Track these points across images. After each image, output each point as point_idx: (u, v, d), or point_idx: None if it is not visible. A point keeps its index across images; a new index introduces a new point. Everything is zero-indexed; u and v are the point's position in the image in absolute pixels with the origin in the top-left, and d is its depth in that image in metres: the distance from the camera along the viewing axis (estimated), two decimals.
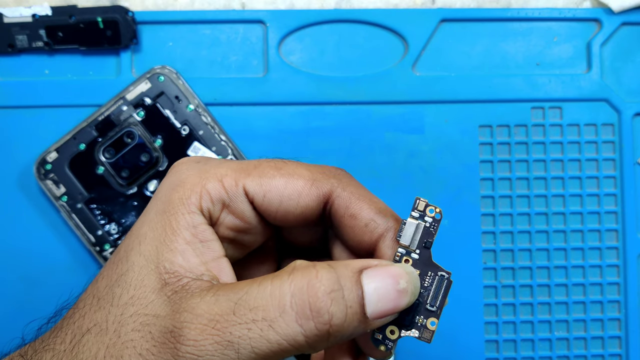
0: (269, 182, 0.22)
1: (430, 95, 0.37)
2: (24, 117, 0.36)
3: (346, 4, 0.37)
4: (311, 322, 0.18)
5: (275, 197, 0.22)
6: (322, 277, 0.19)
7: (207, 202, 0.21)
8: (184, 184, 0.21)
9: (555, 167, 0.38)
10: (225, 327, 0.18)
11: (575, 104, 0.38)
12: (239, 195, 0.22)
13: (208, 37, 0.37)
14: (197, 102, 0.36)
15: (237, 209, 0.22)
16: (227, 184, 0.22)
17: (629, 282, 0.37)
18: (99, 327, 0.20)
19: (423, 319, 0.21)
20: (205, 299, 0.19)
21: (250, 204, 0.22)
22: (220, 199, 0.22)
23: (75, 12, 0.35)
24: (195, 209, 0.21)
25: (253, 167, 0.22)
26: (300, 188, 0.22)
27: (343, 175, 0.23)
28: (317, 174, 0.22)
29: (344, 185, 0.22)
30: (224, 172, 0.22)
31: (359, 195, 0.22)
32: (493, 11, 0.38)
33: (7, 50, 0.36)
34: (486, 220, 0.37)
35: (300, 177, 0.22)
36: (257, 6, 0.37)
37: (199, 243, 0.21)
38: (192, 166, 0.22)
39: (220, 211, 0.22)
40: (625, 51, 0.38)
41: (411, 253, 0.22)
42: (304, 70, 0.37)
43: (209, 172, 0.22)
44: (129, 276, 0.20)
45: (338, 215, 0.22)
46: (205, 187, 0.21)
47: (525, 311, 0.37)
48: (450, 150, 0.37)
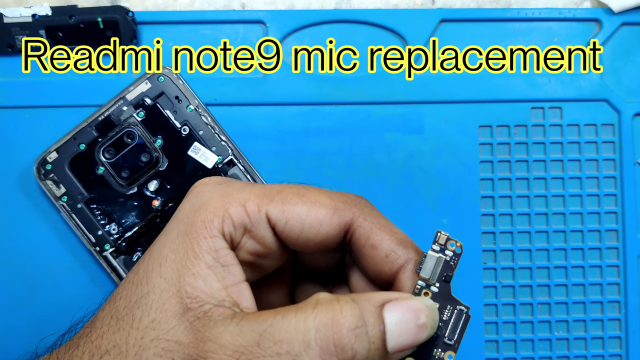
0: (291, 209, 0.22)
1: (430, 95, 0.37)
2: (23, 118, 0.36)
3: (346, 4, 0.37)
4: (335, 359, 0.19)
5: (297, 224, 0.22)
6: (347, 313, 0.19)
7: (229, 227, 0.22)
8: (206, 206, 0.22)
9: (555, 167, 0.38)
10: (250, 358, 0.19)
11: (575, 104, 0.38)
12: (262, 221, 0.22)
13: (208, 37, 0.37)
14: (197, 103, 0.36)
15: (259, 234, 0.22)
16: (250, 209, 0.22)
17: (629, 282, 0.37)
18: (118, 349, 0.20)
19: (441, 352, 0.22)
20: (229, 328, 0.19)
21: (272, 229, 0.22)
22: (243, 223, 0.22)
23: (75, 12, 0.35)
24: (218, 232, 0.21)
25: (276, 192, 0.22)
26: (322, 216, 0.22)
27: (364, 204, 0.23)
28: (339, 202, 0.23)
29: (365, 215, 0.23)
30: (247, 196, 0.22)
31: (380, 226, 0.23)
32: (493, 11, 0.38)
33: (7, 50, 0.36)
34: (486, 221, 0.37)
35: (322, 206, 0.22)
36: (257, 6, 0.37)
37: (220, 267, 0.21)
38: (214, 188, 0.23)
39: (241, 236, 0.22)
40: (625, 51, 0.38)
41: (431, 286, 0.22)
42: (303, 70, 0.37)
43: (231, 195, 0.22)
44: (149, 298, 0.20)
45: (359, 245, 0.23)
46: (228, 211, 0.22)
47: (525, 311, 0.37)
48: (450, 151, 0.37)
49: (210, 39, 0.37)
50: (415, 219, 0.37)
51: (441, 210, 0.37)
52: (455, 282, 0.37)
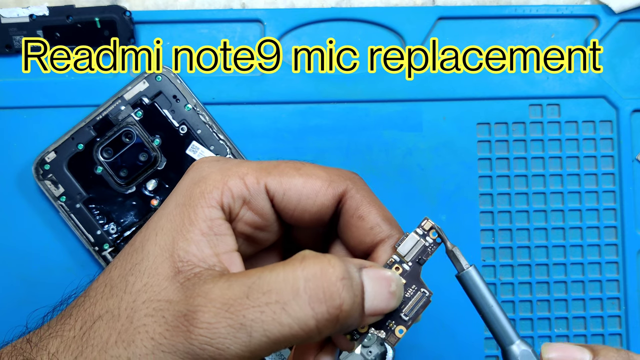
0: (289, 180, 0.23)
1: (428, 93, 0.37)
2: (22, 118, 0.36)
3: (346, 3, 0.37)
4: (323, 306, 0.19)
5: (295, 195, 0.23)
6: (335, 265, 0.20)
7: (228, 198, 0.22)
8: (206, 179, 0.22)
9: (554, 164, 0.38)
10: (239, 310, 0.19)
11: (573, 100, 0.38)
12: (260, 193, 0.23)
13: (206, 36, 0.37)
14: (195, 102, 0.36)
15: (258, 205, 0.23)
16: (249, 181, 0.23)
17: (628, 278, 0.37)
18: (110, 313, 0.20)
19: (394, 324, 0.23)
20: (219, 284, 0.20)
21: (270, 201, 0.23)
22: (242, 195, 0.22)
23: (72, 12, 0.35)
24: (216, 203, 0.22)
25: (273, 166, 0.23)
26: (318, 188, 0.23)
27: (357, 179, 0.24)
28: (333, 175, 0.24)
29: (357, 188, 0.24)
30: (246, 170, 0.23)
31: (370, 200, 0.24)
32: (490, 9, 0.37)
33: (5, 50, 0.36)
34: (485, 218, 0.37)
35: (318, 178, 0.23)
36: (258, 5, 0.37)
37: (213, 235, 0.22)
38: (213, 164, 0.23)
39: (240, 207, 0.23)
40: (623, 48, 0.38)
41: (404, 263, 0.23)
42: (301, 69, 0.37)
43: (231, 169, 0.23)
44: (143, 265, 0.21)
45: (347, 215, 0.24)
46: (228, 183, 0.22)
47: (524, 308, 0.37)
48: (449, 148, 0.37)
49: (209, 38, 0.37)
50: (414, 216, 0.37)
51: (440, 207, 0.37)
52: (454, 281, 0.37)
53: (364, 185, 0.24)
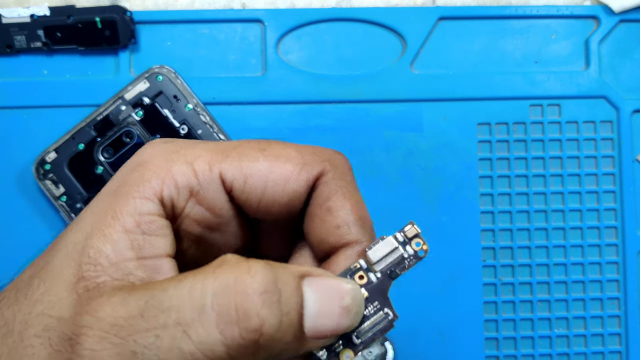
0: (251, 165, 0.18)
1: (429, 93, 0.37)
2: (22, 118, 0.36)
3: (346, 3, 0.37)
4: (235, 328, 0.15)
5: (259, 182, 0.18)
6: (256, 274, 0.15)
7: (171, 189, 0.18)
8: (146, 164, 0.18)
9: (554, 164, 0.38)
10: (130, 334, 0.15)
11: (574, 101, 0.38)
12: (213, 182, 0.18)
13: (206, 36, 0.37)
14: (195, 102, 0.36)
15: (208, 198, 0.18)
16: (199, 167, 0.18)
17: (629, 279, 0.37)
18: (7, 327, 0.17)
19: (341, 346, 0.18)
20: (113, 299, 0.16)
21: (227, 193, 0.19)
22: (188, 185, 0.18)
23: (73, 12, 0.35)
24: (152, 194, 0.18)
25: (232, 148, 0.19)
26: (288, 172, 0.19)
27: (339, 161, 0.20)
28: (307, 155, 0.19)
29: (335, 173, 0.19)
30: (197, 153, 0.18)
31: (346, 192, 0.19)
32: (491, 9, 0.38)
33: (6, 50, 0.36)
34: (485, 218, 0.37)
35: (288, 160, 0.19)
36: (258, 6, 0.37)
37: (140, 235, 0.17)
38: (158, 146, 0.19)
39: (186, 200, 0.18)
40: (623, 48, 0.38)
41: (371, 273, 0.19)
42: (302, 69, 0.37)
43: (178, 152, 0.18)
44: (51, 264, 0.17)
45: (314, 204, 0.19)
46: (171, 170, 0.18)
47: (525, 309, 0.37)
48: (449, 148, 0.37)
49: (209, 38, 0.37)
50: (414, 217, 0.37)
51: (440, 207, 0.37)
52: (455, 279, 0.37)
53: (346, 170, 0.20)
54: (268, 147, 0.19)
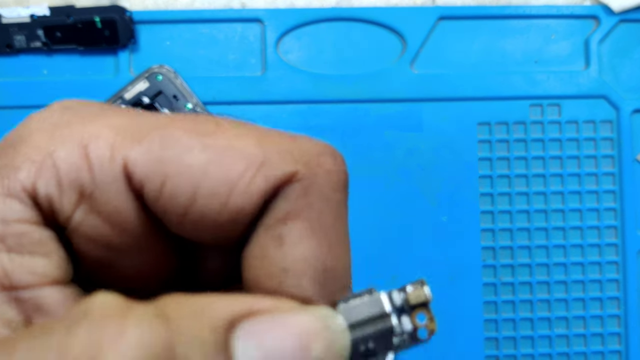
0: (177, 157, 0.12)
1: (429, 93, 0.37)
2: (22, 118, 0.36)
3: (346, 3, 0.37)
4: None
5: (185, 188, 0.12)
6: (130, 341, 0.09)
7: (49, 184, 0.12)
8: (19, 144, 0.12)
9: (554, 164, 0.38)
10: None
11: (574, 101, 0.38)
12: (115, 178, 0.12)
13: (206, 36, 0.37)
14: (195, 101, 0.36)
15: (108, 203, 0.12)
16: (96, 153, 0.12)
17: (629, 279, 0.37)
18: None
19: None
20: None
21: (136, 197, 0.12)
22: (77, 181, 0.12)
23: (73, 12, 0.35)
24: (20, 189, 0.12)
25: (155, 126, 0.12)
26: (234, 176, 0.12)
27: (323, 168, 0.13)
28: (272, 151, 0.12)
29: (309, 185, 0.12)
30: (98, 130, 0.12)
31: (317, 219, 0.12)
32: (491, 9, 0.37)
33: (6, 50, 0.36)
34: (485, 218, 0.37)
35: (239, 156, 0.12)
36: (257, 5, 0.37)
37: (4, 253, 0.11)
38: (51, 116, 0.13)
39: (74, 206, 0.12)
40: (623, 48, 0.38)
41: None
42: (302, 69, 0.37)
43: (71, 127, 0.12)
44: None
45: (262, 226, 0.12)
46: (54, 154, 0.12)
47: (524, 309, 0.37)
48: (449, 148, 0.37)
49: (209, 37, 0.37)
50: (414, 217, 0.37)
51: (440, 208, 0.37)
52: (455, 279, 0.37)
53: (331, 183, 0.13)
54: (215, 130, 0.12)
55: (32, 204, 0.12)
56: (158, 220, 0.12)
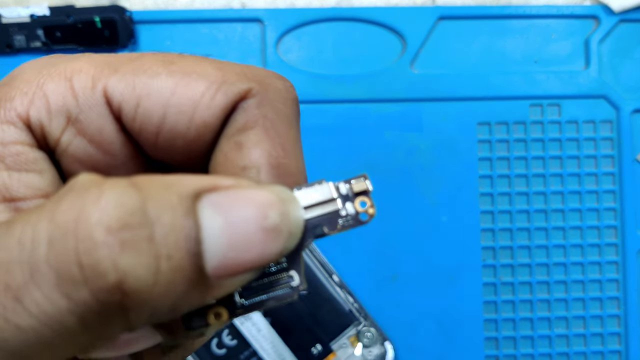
0: (147, 82, 0.13)
1: (429, 93, 0.37)
2: None
3: (346, 3, 0.37)
4: (83, 290, 0.10)
5: (156, 107, 0.13)
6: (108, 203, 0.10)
7: (40, 111, 0.14)
8: (12, 81, 0.14)
9: (554, 164, 0.38)
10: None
11: (574, 100, 0.38)
12: (96, 103, 0.14)
13: (206, 36, 0.37)
14: None
15: (91, 125, 0.14)
16: (79, 84, 0.14)
17: (628, 278, 0.37)
18: None
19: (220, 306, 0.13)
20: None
21: (116, 119, 0.14)
22: (64, 107, 0.14)
23: (73, 12, 0.35)
24: (15, 116, 0.13)
25: (127, 60, 0.14)
26: (197, 94, 0.13)
27: (276, 86, 0.14)
28: (230, 73, 0.14)
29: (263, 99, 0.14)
30: (79, 66, 0.14)
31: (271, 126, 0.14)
32: (491, 9, 0.37)
33: (5, 50, 0.36)
34: (485, 218, 0.37)
35: (200, 77, 0.14)
36: (257, 5, 0.37)
37: (3, 171, 0.13)
38: (39, 60, 0.15)
39: (62, 129, 0.14)
40: (623, 48, 0.38)
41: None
42: (301, 69, 0.37)
43: (56, 66, 0.14)
44: None
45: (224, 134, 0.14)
46: (43, 86, 0.14)
47: (524, 308, 0.37)
48: (449, 148, 0.37)
49: (209, 37, 0.37)
50: (414, 217, 0.37)
51: (440, 207, 0.37)
52: (455, 279, 0.37)
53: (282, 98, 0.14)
54: (178, 60, 0.14)
55: (26, 128, 0.14)
56: (136, 144, 0.14)
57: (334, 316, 0.35)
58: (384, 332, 0.35)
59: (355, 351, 0.35)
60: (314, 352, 0.34)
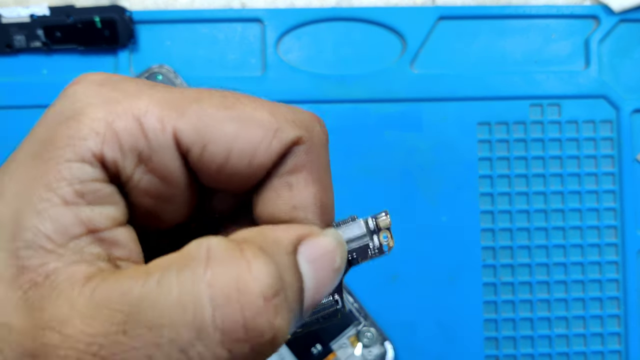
0: (213, 128, 0.15)
1: (429, 93, 0.37)
2: (22, 117, 0.36)
3: (346, 3, 0.37)
4: (246, 345, 0.12)
5: (221, 151, 0.15)
6: (260, 273, 0.13)
7: (114, 151, 0.14)
8: (80, 116, 0.14)
9: (554, 164, 0.38)
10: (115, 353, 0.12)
11: (574, 100, 0.38)
12: (167, 145, 0.15)
13: (206, 36, 0.37)
14: None
15: (161, 164, 0.15)
16: (149, 125, 0.14)
17: (628, 278, 0.37)
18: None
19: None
20: (79, 304, 0.12)
21: (182, 158, 0.15)
22: (136, 147, 0.14)
23: (73, 12, 0.35)
24: (91, 155, 0.14)
25: (190, 101, 0.15)
26: (257, 140, 0.15)
27: (318, 133, 0.17)
28: (282, 119, 0.16)
29: (310, 146, 0.16)
30: (145, 106, 0.15)
31: (315, 171, 0.16)
32: (491, 9, 0.37)
33: (5, 50, 0.36)
34: (485, 218, 0.37)
35: (259, 125, 0.15)
36: (257, 5, 0.37)
37: (86, 206, 0.14)
38: (94, 91, 0.15)
39: (134, 167, 0.15)
40: (623, 48, 0.38)
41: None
42: (301, 69, 0.37)
43: (121, 103, 0.14)
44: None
45: (275, 173, 0.16)
46: (113, 125, 0.14)
47: (524, 308, 0.37)
48: (449, 148, 0.37)
49: (209, 37, 0.37)
50: (414, 217, 0.37)
51: (440, 207, 0.37)
52: (455, 278, 0.37)
53: (322, 145, 0.17)
54: (235, 104, 0.15)
55: (100, 166, 0.14)
56: (194, 174, 0.16)
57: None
58: (384, 332, 0.35)
59: (355, 351, 0.35)
60: (314, 352, 0.34)
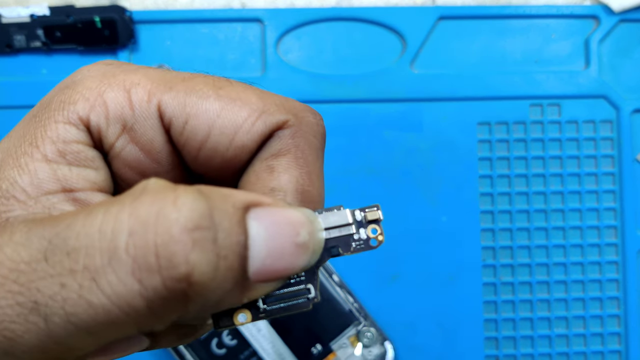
0: (197, 103, 0.15)
1: (429, 92, 0.37)
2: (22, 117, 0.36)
3: (346, 3, 0.37)
4: (156, 277, 0.12)
5: (202, 126, 0.15)
6: (184, 206, 0.12)
7: (100, 117, 0.15)
8: (75, 85, 0.16)
9: (554, 164, 0.38)
10: (32, 280, 0.12)
11: (574, 100, 0.38)
12: (150, 116, 0.15)
13: (206, 36, 0.37)
14: None
15: (144, 136, 0.15)
16: (136, 96, 0.15)
17: (628, 278, 0.37)
18: None
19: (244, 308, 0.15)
20: (15, 237, 0.13)
21: (165, 132, 0.16)
22: (121, 116, 0.15)
23: (73, 12, 0.35)
24: (77, 119, 0.15)
25: (181, 79, 0.16)
26: (240, 120, 0.15)
27: (309, 120, 0.16)
28: (269, 103, 0.16)
29: (297, 131, 0.16)
30: (137, 79, 0.15)
31: (301, 156, 0.16)
32: (491, 8, 0.37)
33: (5, 50, 0.36)
34: (485, 218, 0.37)
35: (244, 105, 0.15)
36: (257, 5, 0.37)
37: (65, 165, 0.15)
38: (98, 68, 0.16)
39: (117, 136, 0.15)
40: (623, 48, 0.38)
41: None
42: (301, 69, 0.37)
43: (116, 76, 0.15)
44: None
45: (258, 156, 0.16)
46: (103, 95, 0.15)
47: (524, 308, 0.37)
48: (449, 148, 0.37)
49: (209, 37, 0.37)
50: (414, 217, 0.37)
51: (440, 207, 0.37)
52: (455, 278, 0.37)
53: (313, 132, 0.16)
54: (227, 85, 0.16)
55: (86, 130, 0.15)
56: (179, 156, 0.16)
57: (334, 316, 0.35)
58: (384, 332, 0.35)
59: (355, 351, 0.35)
60: (314, 352, 0.34)
